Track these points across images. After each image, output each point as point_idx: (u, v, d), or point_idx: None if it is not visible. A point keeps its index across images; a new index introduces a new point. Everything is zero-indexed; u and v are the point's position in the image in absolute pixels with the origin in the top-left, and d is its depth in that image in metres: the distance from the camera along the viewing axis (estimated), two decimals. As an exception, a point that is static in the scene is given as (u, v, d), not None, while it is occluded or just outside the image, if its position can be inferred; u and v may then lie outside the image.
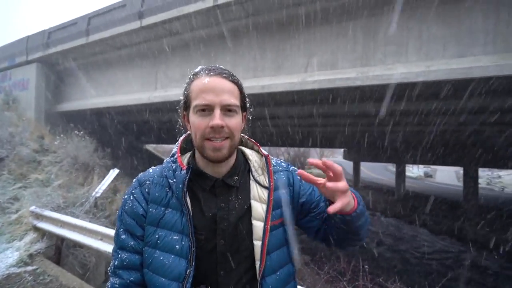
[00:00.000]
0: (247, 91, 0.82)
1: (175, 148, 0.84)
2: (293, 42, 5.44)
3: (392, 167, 26.54)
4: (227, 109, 0.72)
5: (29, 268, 3.74)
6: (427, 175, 30.28)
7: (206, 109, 0.71)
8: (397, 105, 5.99)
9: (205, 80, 0.72)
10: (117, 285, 0.74)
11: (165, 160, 0.84)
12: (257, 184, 0.81)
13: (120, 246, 0.76)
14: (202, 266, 0.73)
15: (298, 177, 0.85)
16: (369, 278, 4.58)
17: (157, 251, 0.72)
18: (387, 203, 14.98)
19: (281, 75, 5.57)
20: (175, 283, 0.70)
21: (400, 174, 17.05)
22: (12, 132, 7.48)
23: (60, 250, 4.11)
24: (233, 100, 0.72)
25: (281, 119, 9.27)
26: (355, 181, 19.30)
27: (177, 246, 0.71)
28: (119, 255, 0.75)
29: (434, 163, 14.75)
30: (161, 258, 0.71)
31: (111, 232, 3.30)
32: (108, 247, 3.26)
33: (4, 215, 5.07)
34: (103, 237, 3.39)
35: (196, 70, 0.76)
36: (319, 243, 0.89)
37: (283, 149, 26.84)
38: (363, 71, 4.71)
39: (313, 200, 0.86)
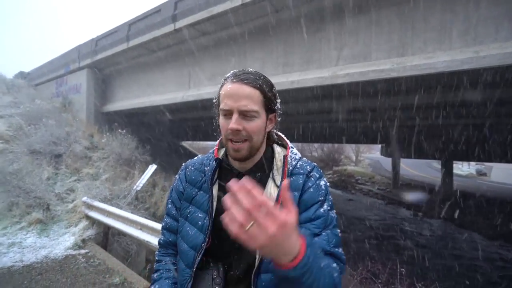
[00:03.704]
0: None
1: (217, 142, 0.96)
2: (322, 35, 5.27)
3: (437, 164, 24.34)
4: (245, 114, 0.77)
5: (82, 251, 4.23)
6: (480, 173, 27.14)
7: (227, 113, 0.79)
8: (439, 96, 5.50)
9: (228, 87, 0.79)
10: (161, 241, 0.96)
11: (209, 151, 0.98)
12: (273, 182, 0.83)
13: (167, 212, 0.96)
14: (223, 245, 0.82)
15: (309, 185, 0.82)
16: (406, 282, 4.32)
17: (186, 222, 0.87)
18: (431, 203, 13.83)
19: (310, 70, 5.45)
20: (192, 251, 0.83)
21: (447, 172, 15.58)
22: (68, 131, 8.43)
23: (107, 237, 4.57)
24: (251, 105, 0.77)
25: (314, 115, 9.08)
26: (394, 180, 18.13)
27: (200, 223, 0.84)
28: (165, 219, 0.96)
29: (489, 160, 13.15)
30: (188, 229, 0.86)
31: (150, 223, 3.58)
32: (146, 237, 3.55)
33: (63, 204, 5.77)
34: (142, 227, 3.69)
35: (227, 75, 0.83)
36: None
37: (316, 145, 26.18)
38: (399, 61, 4.40)
39: (303, 215, 0.79)
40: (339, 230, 0.81)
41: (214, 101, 0.86)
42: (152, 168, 6.16)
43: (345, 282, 4.82)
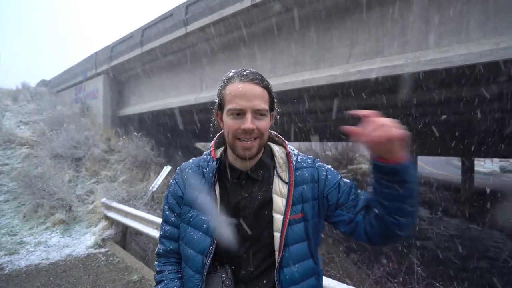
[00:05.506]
0: (287, 87, 0.90)
1: (211, 142, 0.96)
2: (333, 33, 5.22)
3: (457, 161, 23.38)
4: (257, 113, 0.79)
5: (102, 250, 4.41)
6: (505, 170, 25.91)
7: (239, 113, 0.78)
8: (458, 90, 5.31)
9: (238, 86, 0.79)
10: (161, 250, 0.92)
11: (204, 153, 0.97)
12: (280, 179, 0.85)
13: (164, 219, 0.93)
14: (229, 246, 0.82)
15: (324, 173, 0.88)
16: (424, 282, 4.20)
17: (189, 227, 0.85)
18: (450, 201, 13.32)
19: (321, 68, 5.41)
20: (200, 256, 0.81)
21: (468, 169, 14.96)
22: (87, 136, 8.78)
23: (125, 237, 4.73)
24: (263, 105, 0.79)
25: (327, 113, 8.96)
26: (412, 177, 17.58)
27: (204, 225, 0.82)
28: (164, 227, 0.92)
29: (513, 156, 12.54)
30: (192, 233, 0.84)
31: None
32: (162, 236, 3.65)
33: (83, 205, 6.03)
34: (158, 226, 3.80)
35: (230, 74, 0.83)
36: (355, 238, 0.85)
37: (330, 144, 25.79)
38: (413, 56, 4.29)
39: (341, 194, 0.86)
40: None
41: (216, 100, 0.87)
42: (166, 169, 6.31)
43: (359, 281, 4.76)
